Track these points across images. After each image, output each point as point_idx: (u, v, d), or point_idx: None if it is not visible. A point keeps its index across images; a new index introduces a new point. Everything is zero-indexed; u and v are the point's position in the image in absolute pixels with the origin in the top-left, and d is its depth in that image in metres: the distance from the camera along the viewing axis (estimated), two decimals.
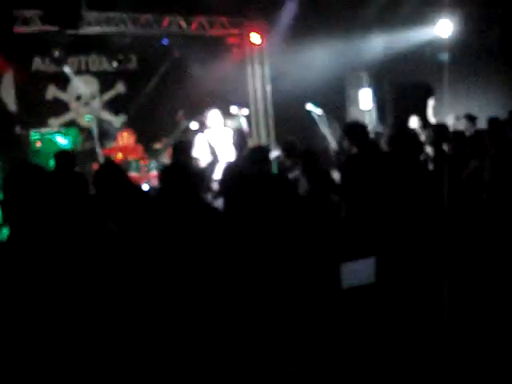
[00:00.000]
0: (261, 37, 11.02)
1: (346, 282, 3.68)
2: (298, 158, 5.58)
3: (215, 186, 5.86)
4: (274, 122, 11.29)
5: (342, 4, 9.85)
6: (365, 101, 10.75)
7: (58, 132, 8.85)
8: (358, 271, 3.76)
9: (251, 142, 8.07)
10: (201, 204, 4.15)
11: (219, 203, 5.30)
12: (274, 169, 6.43)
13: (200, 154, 6.74)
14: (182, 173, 4.31)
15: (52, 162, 8.36)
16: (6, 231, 7.72)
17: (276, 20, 10.35)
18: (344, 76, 10.83)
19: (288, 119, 10.33)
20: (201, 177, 5.82)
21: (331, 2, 9.81)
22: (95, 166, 8.41)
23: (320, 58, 10.07)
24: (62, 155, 5.77)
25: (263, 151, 5.52)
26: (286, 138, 6.54)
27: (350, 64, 10.46)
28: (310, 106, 8.56)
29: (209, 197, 5.60)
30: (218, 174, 6.35)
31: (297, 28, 10.06)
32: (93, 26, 9.53)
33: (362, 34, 10.21)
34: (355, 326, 3.61)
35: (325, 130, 8.55)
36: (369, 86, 10.97)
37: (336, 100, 10.44)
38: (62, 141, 8.87)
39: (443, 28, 10.03)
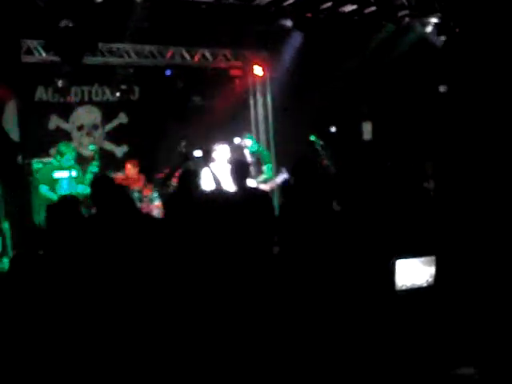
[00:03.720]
0: (263, 69, 11.09)
1: (400, 284, 3.46)
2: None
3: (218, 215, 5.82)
4: (276, 152, 11.29)
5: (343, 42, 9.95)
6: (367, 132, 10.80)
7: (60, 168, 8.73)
8: (415, 271, 3.48)
9: (253, 172, 8.03)
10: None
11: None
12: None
13: (205, 184, 6.73)
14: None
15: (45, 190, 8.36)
16: (6, 261, 7.66)
17: (279, 52, 10.40)
18: (346, 107, 10.88)
19: (290, 150, 10.34)
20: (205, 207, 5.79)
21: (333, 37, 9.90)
22: None
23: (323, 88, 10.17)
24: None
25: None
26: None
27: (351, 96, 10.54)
28: (313, 137, 8.59)
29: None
30: (221, 204, 6.32)
31: (300, 59, 10.12)
32: (96, 56, 9.60)
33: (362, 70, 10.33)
34: (410, 332, 3.39)
35: (327, 160, 8.56)
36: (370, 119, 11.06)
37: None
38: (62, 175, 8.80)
39: None
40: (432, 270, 3.64)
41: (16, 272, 3.85)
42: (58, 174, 8.54)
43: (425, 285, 3.63)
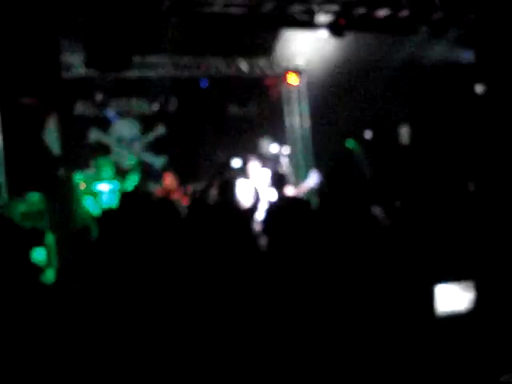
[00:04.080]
0: (297, 78, 11.12)
1: (441, 309, 3.35)
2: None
3: (258, 227, 5.85)
4: (313, 159, 11.29)
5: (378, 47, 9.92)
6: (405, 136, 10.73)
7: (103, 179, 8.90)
8: (454, 296, 3.35)
9: (292, 181, 8.04)
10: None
11: (263, 242, 5.32)
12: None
13: (243, 195, 6.76)
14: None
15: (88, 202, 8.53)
16: (51, 273, 7.81)
17: (313, 61, 10.42)
18: (383, 112, 10.83)
19: (327, 157, 10.34)
20: (245, 216, 5.83)
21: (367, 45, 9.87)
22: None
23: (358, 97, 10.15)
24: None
25: None
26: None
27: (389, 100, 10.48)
28: (349, 143, 8.58)
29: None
30: (260, 215, 6.35)
31: (335, 65, 10.11)
32: (133, 69, 9.75)
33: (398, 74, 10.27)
34: (449, 358, 3.30)
35: (364, 167, 8.55)
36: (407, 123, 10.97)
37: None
38: (103, 187, 8.96)
39: None
40: (471, 295, 3.52)
41: (62, 284, 3.93)
42: (99, 187, 8.70)
43: (464, 311, 3.52)
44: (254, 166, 7.75)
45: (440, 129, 10.52)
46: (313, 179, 8.04)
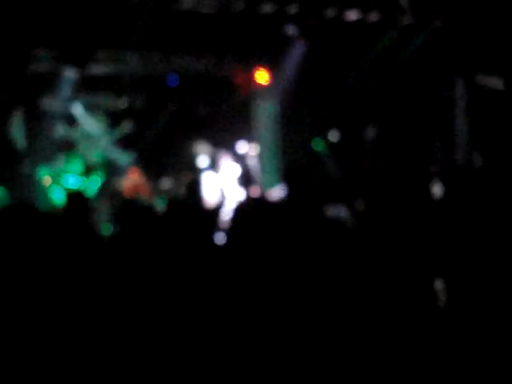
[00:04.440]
0: (268, 76, 11.12)
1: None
2: None
3: (224, 225, 5.85)
4: (279, 160, 11.32)
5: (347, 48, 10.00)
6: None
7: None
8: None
9: (259, 180, 8.07)
10: None
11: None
12: None
13: (210, 192, 6.78)
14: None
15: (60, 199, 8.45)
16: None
17: (282, 60, 10.45)
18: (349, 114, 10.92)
19: (294, 157, 10.38)
20: (211, 216, 5.83)
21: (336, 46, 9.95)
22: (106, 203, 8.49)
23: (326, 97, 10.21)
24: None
25: None
26: None
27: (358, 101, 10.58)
28: (317, 144, 8.63)
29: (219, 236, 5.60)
30: (227, 214, 6.35)
31: (303, 66, 10.16)
32: (101, 64, 9.66)
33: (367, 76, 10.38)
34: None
35: (331, 166, 8.61)
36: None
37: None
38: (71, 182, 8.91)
39: None
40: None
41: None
42: (67, 181, 8.67)
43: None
44: (222, 164, 7.79)
45: (406, 130, 10.65)
46: (277, 192, 8.07)
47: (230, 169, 7.79)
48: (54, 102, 10.28)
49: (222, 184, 7.07)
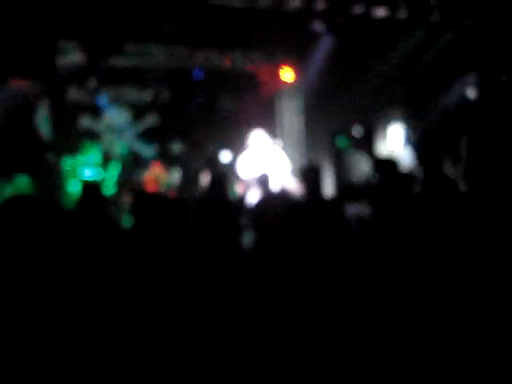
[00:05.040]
0: (293, 73, 11.07)
1: None
2: None
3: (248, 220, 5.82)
4: (306, 156, 11.27)
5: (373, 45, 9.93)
6: (395, 137, 10.76)
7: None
8: None
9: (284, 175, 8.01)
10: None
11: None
12: None
13: (233, 187, 6.76)
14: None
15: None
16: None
17: (310, 55, 10.40)
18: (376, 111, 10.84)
19: (318, 155, 10.34)
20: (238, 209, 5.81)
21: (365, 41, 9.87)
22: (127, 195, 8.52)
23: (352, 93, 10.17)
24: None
25: None
26: None
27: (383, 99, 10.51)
28: (341, 141, 8.56)
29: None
30: (250, 208, 6.35)
31: (330, 63, 10.10)
32: (127, 57, 9.69)
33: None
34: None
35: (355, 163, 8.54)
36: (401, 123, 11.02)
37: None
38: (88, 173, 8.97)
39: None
40: None
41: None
42: (86, 172, 8.71)
43: None
44: (258, 136, 7.84)
45: (436, 129, 10.56)
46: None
47: (253, 164, 7.76)
48: (80, 93, 10.35)
49: (246, 179, 7.04)
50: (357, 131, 7.05)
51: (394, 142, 10.77)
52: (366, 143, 10.36)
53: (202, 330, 3.27)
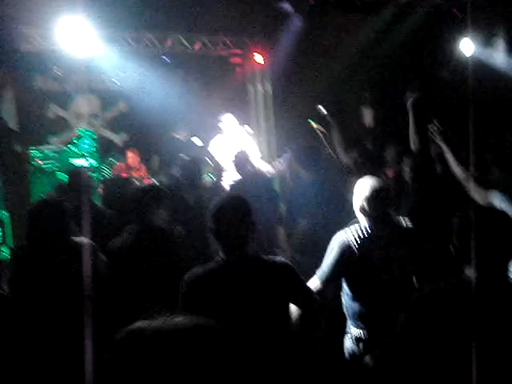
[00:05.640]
0: (263, 56, 10.98)
1: None
2: None
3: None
4: (277, 140, 11.21)
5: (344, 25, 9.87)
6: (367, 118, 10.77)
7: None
8: None
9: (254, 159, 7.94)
10: None
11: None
12: None
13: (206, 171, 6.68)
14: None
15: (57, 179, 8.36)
16: (5, 250, 7.61)
17: (278, 38, 10.29)
18: (346, 94, 10.80)
19: (291, 137, 10.26)
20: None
21: (333, 21, 9.81)
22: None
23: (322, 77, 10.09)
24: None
25: None
26: None
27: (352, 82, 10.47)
28: (312, 123, 8.44)
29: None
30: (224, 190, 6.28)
31: (300, 44, 10.01)
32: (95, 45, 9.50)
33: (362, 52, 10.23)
34: None
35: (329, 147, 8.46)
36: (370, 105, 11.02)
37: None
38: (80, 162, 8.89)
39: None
40: None
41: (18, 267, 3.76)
42: (75, 161, 8.58)
43: None
44: (228, 120, 7.83)
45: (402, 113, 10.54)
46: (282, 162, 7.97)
47: (224, 148, 7.69)
48: (46, 81, 10.16)
49: (218, 162, 6.97)
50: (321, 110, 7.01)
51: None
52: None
53: None
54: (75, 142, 8.99)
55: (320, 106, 6.50)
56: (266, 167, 7.92)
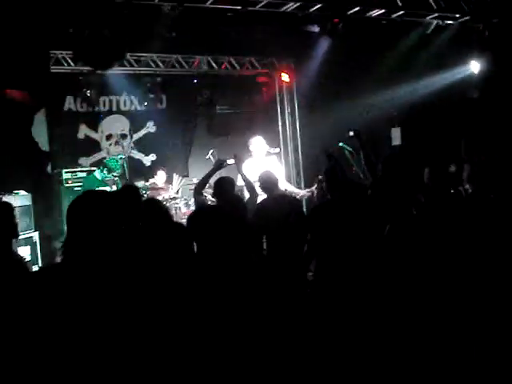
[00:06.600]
0: (290, 75, 11.02)
1: None
2: None
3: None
4: (304, 160, 11.21)
5: (371, 47, 9.86)
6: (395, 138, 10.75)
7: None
8: None
9: (282, 181, 7.93)
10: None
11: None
12: None
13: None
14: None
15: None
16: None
17: (306, 58, 10.32)
18: (374, 114, 10.77)
19: (318, 156, 10.25)
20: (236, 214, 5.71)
21: (360, 45, 9.81)
22: None
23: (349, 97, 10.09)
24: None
25: None
26: None
27: (381, 103, 10.45)
28: (341, 144, 8.43)
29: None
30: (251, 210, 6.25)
31: (327, 65, 10.02)
32: (124, 66, 9.64)
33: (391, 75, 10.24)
34: None
35: (356, 167, 8.43)
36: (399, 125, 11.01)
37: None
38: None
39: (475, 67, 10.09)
40: None
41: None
42: (106, 181, 8.73)
43: None
44: (258, 143, 7.87)
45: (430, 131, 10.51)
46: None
47: (264, 158, 7.79)
48: (77, 102, 10.28)
49: (250, 181, 6.95)
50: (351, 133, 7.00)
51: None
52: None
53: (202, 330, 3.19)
54: (105, 162, 9.07)
55: (351, 131, 6.48)
56: (293, 189, 7.94)
